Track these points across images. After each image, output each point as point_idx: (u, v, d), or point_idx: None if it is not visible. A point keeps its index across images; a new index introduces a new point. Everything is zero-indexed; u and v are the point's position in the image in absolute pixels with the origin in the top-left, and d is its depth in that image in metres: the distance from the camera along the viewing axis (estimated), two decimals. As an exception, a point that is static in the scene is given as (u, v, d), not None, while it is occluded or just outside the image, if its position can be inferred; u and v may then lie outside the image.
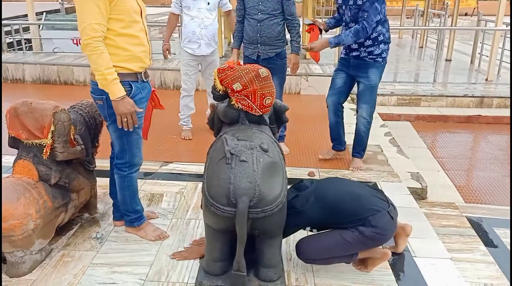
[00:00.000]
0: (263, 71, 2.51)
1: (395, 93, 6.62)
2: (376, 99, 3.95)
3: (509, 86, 6.71)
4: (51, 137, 2.60)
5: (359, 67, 3.81)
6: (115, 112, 2.51)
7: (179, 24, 5.60)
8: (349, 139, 4.26)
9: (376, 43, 3.70)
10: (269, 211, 2.20)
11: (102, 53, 2.39)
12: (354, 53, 3.79)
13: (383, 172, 3.97)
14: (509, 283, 2.66)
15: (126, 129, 2.57)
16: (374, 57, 3.73)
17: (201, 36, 4.48)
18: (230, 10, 4.83)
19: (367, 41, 3.69)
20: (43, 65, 7.36)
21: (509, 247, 3.06)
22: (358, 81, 3.88)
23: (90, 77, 2.59)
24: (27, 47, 9.52)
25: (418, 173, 4.09)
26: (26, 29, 9.99)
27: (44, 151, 2.61)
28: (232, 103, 2.55)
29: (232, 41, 4.70)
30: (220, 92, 2.56)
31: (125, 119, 2.52)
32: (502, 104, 6.55)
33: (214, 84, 2.56)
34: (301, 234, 2.66)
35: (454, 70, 8.59)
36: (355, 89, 4.02)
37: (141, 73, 2.64)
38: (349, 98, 4.29)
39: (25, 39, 9.30)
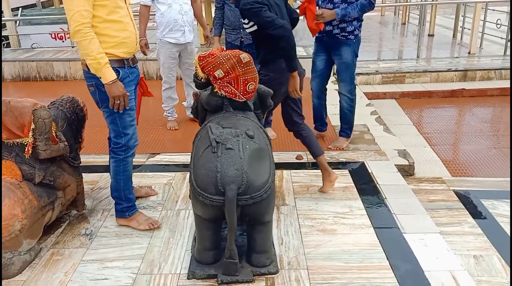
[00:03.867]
0: (245, 56, 2.47)
1: (380, 71, 6.60)
2: (354, 76, 3.99)
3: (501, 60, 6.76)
4: (32, 135, 2.55)
5: (332, 45, 3.85)
6: (108, 95, 2.54)
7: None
8: (335, 120, 4.25)
9: (349, 19, 3.70)
10: (258, 198, 2.20)
11: (93, 38, 2.43)
12: (327, 28, 3.76)
13: (370, 151, 3.98)
14: (498, 254, 2.71)
15: (116, 110, 2.61)
16: (346, 34, 3.75)
17: (184, 23, 4.36)
18: None
19: None
20: (22, 62, 7.18)
21: (500, 219, 3.10)
22: (334, 59, 3.92)
23: (81, 66, 2.63)
24: (5, 45, 9.31)
25: (405, 150, 4.12)
26: (2, 26, 9.75)
27: (26, 150, 2.56)
28: (215, 90, 2.52)
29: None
30: (202, 80, 2.52)
31: (118, 102, 2.56)
32: (485, 77, 6.57)
33: (195, 72, 2.52)
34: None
35: (437, 45, 8.60)
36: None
37: (128, 59, 2.67)
38: (333, 78, 4.28)
39: (1, 37, 9.09)
